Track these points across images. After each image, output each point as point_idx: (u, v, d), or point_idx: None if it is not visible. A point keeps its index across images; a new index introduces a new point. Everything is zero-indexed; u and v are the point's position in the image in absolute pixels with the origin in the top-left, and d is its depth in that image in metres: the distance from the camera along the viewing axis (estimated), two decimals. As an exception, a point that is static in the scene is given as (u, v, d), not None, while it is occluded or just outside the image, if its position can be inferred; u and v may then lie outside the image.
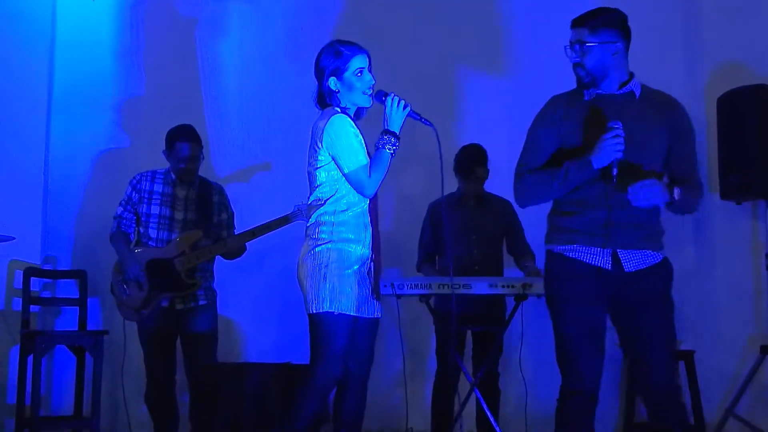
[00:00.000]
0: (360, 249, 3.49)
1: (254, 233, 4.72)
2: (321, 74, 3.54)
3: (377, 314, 3.61)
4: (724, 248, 5.53)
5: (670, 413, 3.33)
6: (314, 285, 3.42)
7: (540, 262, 5.06)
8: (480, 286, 4.63)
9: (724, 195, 5.33)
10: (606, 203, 3.27)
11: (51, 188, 5.61)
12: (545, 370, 5.45)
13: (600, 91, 3.32)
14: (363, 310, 3.50)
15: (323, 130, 3.45)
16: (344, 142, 3.43)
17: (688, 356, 5.16)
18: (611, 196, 3.25)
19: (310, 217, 3.52)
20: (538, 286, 4.62)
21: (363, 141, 3.50)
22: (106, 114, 5.79)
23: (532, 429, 5.14)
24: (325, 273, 3.42)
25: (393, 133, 3.48)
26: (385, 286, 4.65)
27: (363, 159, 3.46)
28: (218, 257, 4.81)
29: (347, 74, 3.51)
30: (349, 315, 3.44)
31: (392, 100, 3.48)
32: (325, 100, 3.56)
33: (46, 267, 5.52)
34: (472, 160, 4.98)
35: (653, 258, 3.34)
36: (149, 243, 4.67)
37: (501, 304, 5.05)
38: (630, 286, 3.29)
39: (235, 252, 4.76)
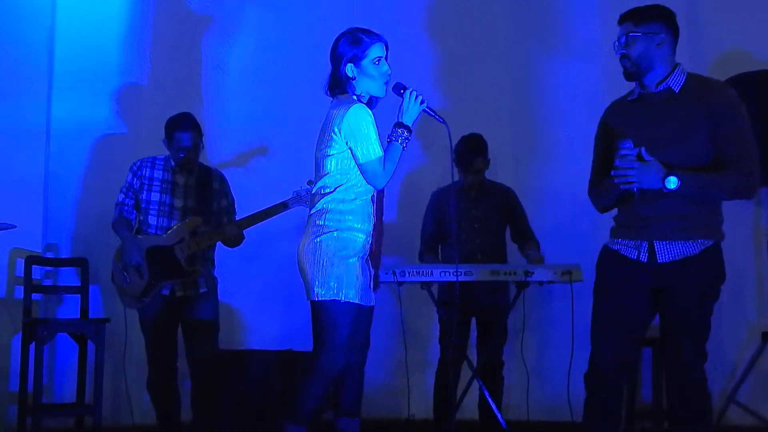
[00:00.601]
0: (364, 238, 3.49)
1: (254, 219, 4.71)
2: (338, 60, 3.50)
3: (373, 303, 3.62)
4: (727, 235, 5.51)
5: (685, 408, 3.38)
6: (320, 272, 3.40)
7: (547, 249, 5.11)
8: (482, 274, 4.63)
9: (726, 182, 5.32)
10: (642, 197, 3.31)
11: (52, 176, 5.59)
12: (547, 358, 5.50)
13: (642, 91, 3.39)
14: (364, 299, 3.50)
15: (343, 119, 3.42)
16: (363, 132, 3.41)
17: (690, 343, 5.16)
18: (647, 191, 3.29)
19: (315, 205, 3.50)
20: (540, 274, 4.62)
21: (377, 132, 3.49)
22: (106, 101, 5.78)
23: (533, 416, 5.15)
24: (332, 260, 3.40)
25: (407, 127, 3.47)
26: (386, 273, 4.66)
27: (379, 151, 3.44)
28: (219, 245, 4.80)
29: (365, 62, 3.49)
30: (355, 303, 3.43)
31: (410, 93, 3.48)
32: (338, 87, 3.53)
33: (48, 255, 5.52)
34: (471, 152, 4.96)
35: (691, 248, 3.32)
36: (149, 230, 4.66)
37: (505, 292, 5.05)
38: (664, 277, 3.33)
39: (234, 239, 4.75)
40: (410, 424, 5.06)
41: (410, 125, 3.48)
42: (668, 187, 3.22)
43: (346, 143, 3.44)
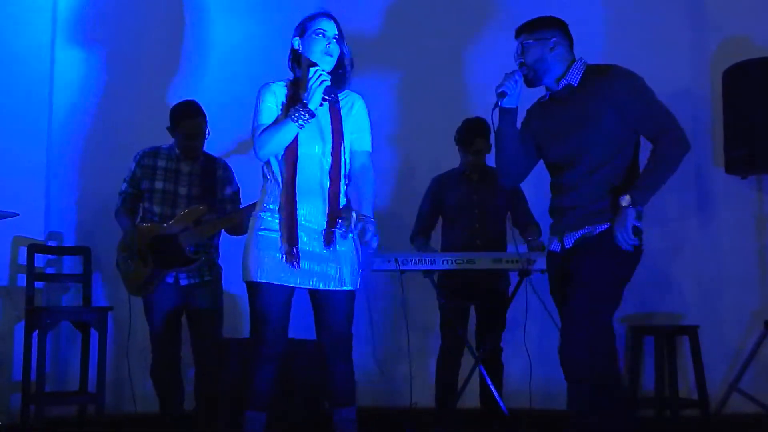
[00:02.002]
0: (270, 216, 3.52)
1: (255, 206, 4.69)
2: (292, 38, 3.59)
3: (341, 286, 3.54)
4: (729, 222, 5.53)
5: (577, 388, 3.40)
6: (244, 253, 3.53)
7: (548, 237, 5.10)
8: (483, 262, 4.63)
9: (729, 169, 5.32)
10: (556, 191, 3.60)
11: (54, 164, 5.60)
12: (549, 345, 5.48)
13: (549, 92, 3.63)
14: (272, 277, 3.48)
15: None
16: (256, 107, 3.52)
17: (692, 331, 5.17)
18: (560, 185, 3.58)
19: None
20: (542, 262, 4.61)
21: (278, 106, 3.52)
22: (109, 89, 5.77)
23: (535, 403, 5.16)
24: (249, 241, 3.53)
25: (305, 106, 3.41)
26: (389, 261, 4.66)
27: (261, 120, 3.50)
28: (224, 233, 4.80)
29: (308, 33, 3.53)
30: (262, 282, 3.49)
31: (315, 72, 3.42)
32: (291, 66, 3.62)
33: (51, 243, 5.52)
34: (471, 132, 4.98)
35: (590, 232, 3.48)
36: (153, 219, 4.66)
37: (505, 280, 5.05)
38: (567, 262, 3.52)
39: (239, 227, 4.74)
40: (413, 412, 5.06)
41: (312, 108, 3.41)
42: (637, 220, 3.37)
43: None
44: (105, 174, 5.42)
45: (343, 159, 3.54)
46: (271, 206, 3.53)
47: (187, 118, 4.67)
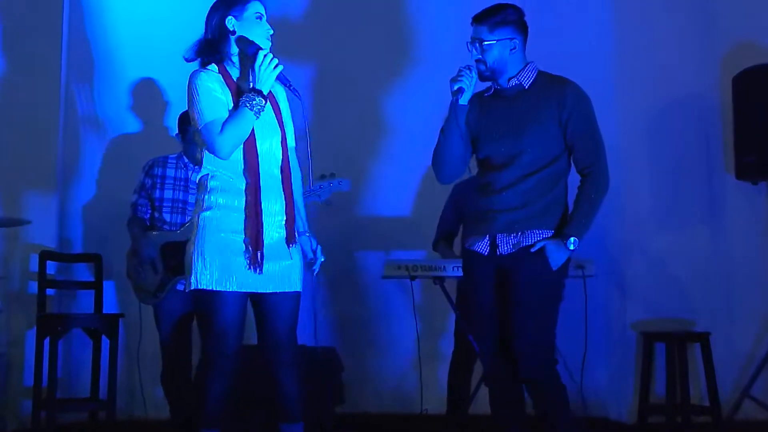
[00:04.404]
0: (237, 216, 3.25)
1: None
2: (216, 18, 3.31)
3: (293, 288, 3.35)
4: (740, 228, 5.51)
5: (512, 403, 3.50)
6: (192, 260, 3.25)
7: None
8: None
9: (740, 175, 5.31)
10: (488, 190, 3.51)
11: (66, 172, 5.62)
12: (560, 352, 5.48)
13: (496, 86, 3.56)
14: (227, 284, 3.23)
15: (187, 87, 3.28)
16: (197, 96, 3.23)
17: (704, 337, 5.16)
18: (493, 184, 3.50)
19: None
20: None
21: (230, 98, 3.25)
22: (120, 97, 5.80)
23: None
24: (200, 245, 3.23)
25: (259, 92, 3.21)
26: (399, 268, 4.66)
27: (214, 114, 3.20)
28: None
29: (247, 14, 3.31)
30: (214, 291, 3.22)
31: (264, 57, 3.23)
32: (210, 50, 3.32)
33: (62, 250, 5.54)
34: None
35: (528, 239, 3.46)
36: (163, 227, 4.68)
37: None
38: (501, 265, 3.47)
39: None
40: (423, 419, 5.06)
41: (264, 91, 3.22)
42: (571, 248, 3.39)
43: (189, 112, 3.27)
44: (116, 182, 5.44)
45: (289, 152, 3.39)
46: (229, 203, 3.25)
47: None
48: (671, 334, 5.23)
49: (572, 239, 3.39)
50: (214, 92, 3.26)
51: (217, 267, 3.23)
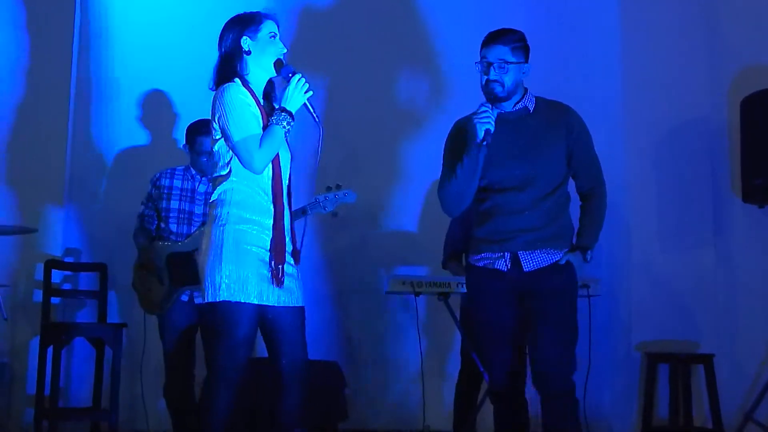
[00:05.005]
0: (259, 231, 3.31)
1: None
2: (230, 39, 3.37)
3: (299, 302, 3.42)
4: (745, 251, 5.51)
5: (556, 413, 3.49)
6: (211, 271, 3.27)
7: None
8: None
9: (747, 198, 5.30)
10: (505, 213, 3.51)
11: (73, 181, 5.63)
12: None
13: (499, 110, 3.52)
14: (244, 296, 3.27)
15: (215, 101, 3.32)
16: (235, 110, 3.27)
17: (708, 360, 5.14)
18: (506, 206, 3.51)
19: (212, 195, 3.39)
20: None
21: (259, 114, 3.34)
22: (127, 108, 5.81)
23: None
24: (221, 257, 3.25)
25: (289, 113, 3.31)
26: (403, 283, 4.66)
27: (254, 129, 3.28)
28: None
29: (261, 35, 3.37)
30: (231, 302, 3.25)
31: (299, 80, 3.33)
32: (227, 70, 3.37)
33: (68, 259, 5.55)
34: None
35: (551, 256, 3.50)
36: (170, 237, 4.69)
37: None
38: (523, 283, 3.49)
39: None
40: (425, 435, 5.05)
41: (293, 112, 3.31)
42: (588, 260, 3.50)
43: (219, 125, 3.30)
44: (123, 192, 5.45)
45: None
46: (254, 217, 3.32)
47: (202, 134, 4.69)
48: (675, 356, 5.22)
49: (589, 252, 3.50)
50: (249, 107, 3.32)
51: (237, 279, 3.26)
